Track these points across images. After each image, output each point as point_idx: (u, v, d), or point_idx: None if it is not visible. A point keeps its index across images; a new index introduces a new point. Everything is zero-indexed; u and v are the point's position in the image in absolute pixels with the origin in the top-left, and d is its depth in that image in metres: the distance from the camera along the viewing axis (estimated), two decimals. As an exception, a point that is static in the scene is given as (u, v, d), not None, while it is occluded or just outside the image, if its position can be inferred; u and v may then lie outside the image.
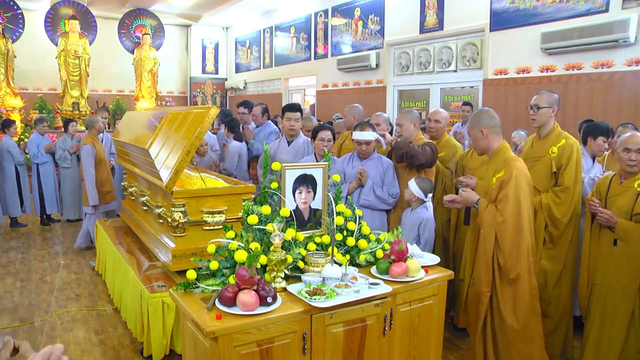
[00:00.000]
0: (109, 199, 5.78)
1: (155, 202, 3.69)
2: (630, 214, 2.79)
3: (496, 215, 2.73)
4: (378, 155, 3.65)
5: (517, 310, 2.72)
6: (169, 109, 4.67)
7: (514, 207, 2.69)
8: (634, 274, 2.76)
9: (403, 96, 7.72)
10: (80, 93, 10.31)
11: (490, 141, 2.90)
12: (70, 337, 3.72)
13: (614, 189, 2.92)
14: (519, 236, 2.69)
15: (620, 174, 2.93)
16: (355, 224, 2.57)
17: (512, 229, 2.69)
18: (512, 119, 5.77)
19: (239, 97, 11.92)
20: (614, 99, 4.94)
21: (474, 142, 3.03)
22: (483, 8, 6.08)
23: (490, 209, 2.77)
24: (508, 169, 2.74)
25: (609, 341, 2.86)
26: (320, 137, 3.68)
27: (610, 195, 2.92)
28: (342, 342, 2.15)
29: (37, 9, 10.57)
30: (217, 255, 2.26)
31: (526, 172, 2.78)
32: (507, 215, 2.69)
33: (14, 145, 7.01)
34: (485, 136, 2.90)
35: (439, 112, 4.06)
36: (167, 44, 11.94)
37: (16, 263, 5.53)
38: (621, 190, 2.87)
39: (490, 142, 2.90)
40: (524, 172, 2.74)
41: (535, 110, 3.27)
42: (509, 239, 2.69)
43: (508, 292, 2.73)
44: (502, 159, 2.84)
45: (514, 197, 2.69)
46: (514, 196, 2.69)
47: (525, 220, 2.70)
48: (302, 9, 9.62)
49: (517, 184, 2.69)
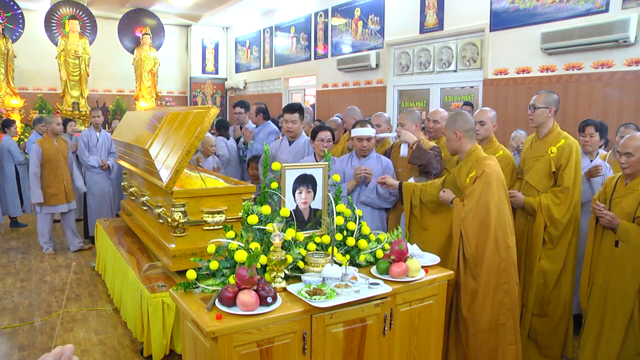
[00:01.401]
0: (53, 202, 5.71)
1: (155, 202, 3.69)
2: (633, 216, 2.79)
3: (461, 211, 2.82)
4: (377, 154, 3.66)
5: (476, 304, 2.76)
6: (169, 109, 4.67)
7: (479, 203, 2.75)
8: (634, 276, 2.76)
9: (403, 96, 7.72)
10: (80, 93, 10.30)
11: (463, 143, 3.01)
12: (70, 337, 3.72)
13: (619, 191, 2.93)
14: (486, 231, 2.73)
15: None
16: (355, 224, 2.58)
17: (477, 223, 2.75)
18: (512, 119, 5.77)
19: (239, 97, 11.92)
20: (614, 99, 4.93)
21: (447, 143, 3.12)
22: (483, 8, 6.08)
23: (458, 206, 2.86)
24: (479, 167, 2.84)
25: (607, 342, 2.86)
26: (319, 138, 3.68)
27: (615, 197, 2.93)
28: (342, 342, 2.15)
29: (37, 9, 10.57)
30: (217, 255, 2.26)
31: (497, 169, 2.85)
32: (468, 210, 2.78)
33: (14, 145, 7.01)
34: (459, 138, 3.00)
35: (438, 112, 4.06)
36: (167, 44, 11.93)
37: (16, 263, 5.53)
38: (626, 192, 2.88)
39: (463, 144, 3.01)
40: (494, 169, 2.82)
41: (532, 111, 3.28)
42: (472, 232, 2.76)
43: (470, 285, 2.78)
44: (474, 159, 2.93)
45: (480, 192, 2.76)
46: (480, 192, 2.76)
47: (493, 215, 2.73)
48: (302, 9, 9.61)
49: (486, 180, 2.76)
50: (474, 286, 2.77)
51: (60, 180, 5.76)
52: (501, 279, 2.75)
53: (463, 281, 2.81)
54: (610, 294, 2.86)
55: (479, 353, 2.79)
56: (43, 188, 5.64)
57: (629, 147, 2.83)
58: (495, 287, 2.74)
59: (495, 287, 2.74)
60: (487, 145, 3.52)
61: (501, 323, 2.76)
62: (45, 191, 5.66)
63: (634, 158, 2.80)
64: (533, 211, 3.24)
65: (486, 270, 2.74)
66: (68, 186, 5.84)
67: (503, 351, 2.78)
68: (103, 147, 6.25)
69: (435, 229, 3.16)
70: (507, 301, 2.77)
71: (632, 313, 2.77)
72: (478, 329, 2.78)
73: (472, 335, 2.80)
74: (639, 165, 2.81)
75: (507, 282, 2.76)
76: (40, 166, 5.64)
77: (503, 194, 2.83)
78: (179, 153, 3.07)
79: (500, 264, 2.74)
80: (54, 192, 5.71)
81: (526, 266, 3.32)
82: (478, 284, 2.76)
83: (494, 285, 2.74)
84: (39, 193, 5.62)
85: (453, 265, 2.84)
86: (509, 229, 2.82)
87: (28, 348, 3.57)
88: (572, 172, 3.15)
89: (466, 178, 2.93)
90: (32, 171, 5.63)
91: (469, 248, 2.77)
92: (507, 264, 2.76)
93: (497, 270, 2.74)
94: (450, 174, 3.13)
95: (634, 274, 2.76)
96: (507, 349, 2.78)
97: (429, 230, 3.20)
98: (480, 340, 2.78)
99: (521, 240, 3.29)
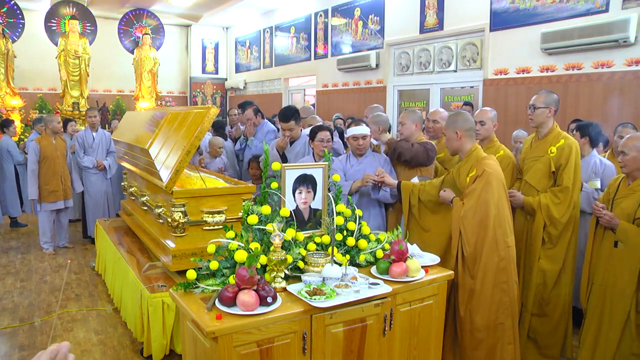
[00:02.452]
0: (52, 198, 5.80)
1: (155, 202, 3.69)
2: (633, 217, 2.80)
3: (460, 210, 2.82)
4: (373, 152, 3.68)
5: (473, 302, 2.77)
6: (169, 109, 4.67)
7: (479, 201, 2.76)
8: (631, 277, 2.78)
9: (403, 96, 7.72)
10: (80, 93, 10.30)
11: (463, 143, 3.00)
12: (70, 337, 3.72)
13: (621, 191, 2.94)
14: (485, 230, 2.74)
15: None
16: (355, 224, 2.58)
17: (476, 222, 2.75)
18: (512, 119, 5.77)
19: (239, 97, 11.92)
20: (614, 99, 4.93)
21: (447, 142, 3.11)
22: (483, 8, 6.08)
23: (458, 205, 2.87)
24: (480, 166, 2.84)
25: (605, 341, 2.88)
26: (319, 138, 3.68)
27: (617, 197, 2.94)
28: (342, 342, 2.15)
29: (37, 9, 10.57)
30: (217, 255, 2.26)
31: (497, 169, 2.85)
32: (468, 208, 2.78)
33: (14, 145, 7.01)
34: (459, 138, 3.00)
35: (437, 112, 4.06)
36: (167, 44, 11.93)
37: (16, 263, 5.53)
38: (627, 192, 2.89)
39: (463, 144, 3.01)
40: (494, 169, 2.82)
41: (532, 111, 3.28)
42: (471, 231, 2.76)
43: (468, 283, 2.78)
44: (474, 159, 2.93)
45: (480, 191, 2.76)
46: (481, 191, 2.76)
47: (492, 214, 2.74)
48: (302, 9, 9.61)
49: (486, 179, 2.77)
50: (472, 284, 2.77)
51: (58, 177, 5.82)
52: (500, 278, 2.75)
53: (461, 279, 2.81)
54: (608, 293, 2.88)
55: (476, 352, 2.79)
56: (40, 185, 5.72)
57: (624, 146, 2.88)
58: (493, 286, 2.74)
59: (493, 286, 2.74)
60: (487, 145, 3.52)
61: (499, 322, 2.77)
62: (42, 188, 5.73)
63: (628, 156, 2.84)
64: (532, 211, 3.24)
65: (484, 268, 2.74)
66: (66, 184, 5.90)
67: (501, 350, 2.78)
68: (99, 147, 6.25)
69: (435, 229, 3.17)
70: (505, 300, 2.77)
71: (628, 313, 2.78)
72: (474, 327, 2.78)
73: (469, 333, 2.80)
74: (635, 164, 2.83)
75: (506, 282, 2.77)
76: (38, 163, 5.71)
77: (503, 193, 2.83)
78: (179, 153, 3.07)
79: (500, 263, 2.74)
80: (51, 189, 5.77)
81: (525, 266, 3.32)
82: (476, 283, 2.76)
83: (492, 284, 2.74)
84: (34, 190, 5.69)
85: (452, 263, 2.85)
86: (509, 229, 2.82)
87: (28, 348, 3.57)
88: (571, 172, 3.15)
89: (466, 177, 2.94)
90: (30, 168, 5.72)
91: (468, 246, 2.77)
92: (506, 263, 2.76)
93: (496, 269, 2.74)
94: (450, 174, 3.13)
95: (631, 275, 2.77)
96: (505, 348, 2.78)
97: (429, 231, 3.20)
98: (477, 339, 2.78)
99: (521, 240, 3.29)
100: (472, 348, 2.80)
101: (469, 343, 2.81)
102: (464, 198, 2.85)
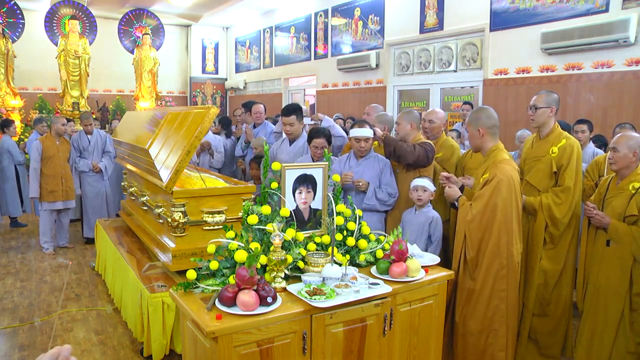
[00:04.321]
0: (51, 198, 5.82)
1: (155, 202, 3.69)
2: (623, 215, 2.82)
3: (467, 213, 2.78)
4: (375, 154, 3.66)
5: (469, 306, 2.76)
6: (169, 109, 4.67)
7: (486, 208, 2.71)
8: (624, 275, 2.80)
9: (403, 96, 7.72)
10: (80, 93, 10.30)
11: (485, 141, 2.94)
12: (70, 337, 3.72)
13: (611, 190, 2.96)
14: (488, 236, 2.70)
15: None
16: (355, 224, 2.58)
17: (482, 228, 2.72)
18: (512, 119, 5.78)
19: (239, 97, 11.93)
20: (614, 99, 4.94)
21: (470, 139, 3.07)
22: (483, 8, 6.08)
23: (465, 207, 2.83)
24: (493, 170, 2.76)
25: (601, 340, 2.90)
26: (314, 145, 3.75)
27: (607, 197, 2.96)
28: (342, 342, 2.15)
29: (37, 9, 10.57)
30: (217, 255, 2.26)
31: (511, 174, 2.73)
32: (475, 214, 2.74)
33: (14, 145, 7.01)
34: (482, 135, 2.93)
35: (433, 112, 4.06)
36: (167, 44, 11.94)
37: (16, 263, 5.53)
38: (617, 192, 2.92)
39: (485, 142, 2.94)
40: (507, 175, 2.71)
41: (533, 111, 3.28)
42: (475, 236, 2.74)
43: (467, 286, 2.77)
44: (492, 160, 2.87)
45: (488, 197, 2.71)
46: (489, 197, 2.71)
47: (498, 221, 2.68)
48: (302, 9, 9.62)
49: (496, 186, 2.69)
50: (471, 287, 2.76)
51: (59, 178, 5.84)
52: (499, 285, 2.72)
53: (461, 281, 2.81)
54: (602, 292, 2.90)
55: (467, 355, 2.79)
56: (41, 184, 5.74)
57: (616, 143, 2.89)
58: (491, 292, 2.72)
59: (491, 292, 2.72)
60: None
61: (493, 328, 2.74)
62: (43, 187, 5.76)
63: (619, 154, 2.85)
64: (534, 211, 3.24)
65: (485, 273, 2.72)
66: (67, 184, 5.91)
67: (491, 357, 2.75)
68: (95, 150, 6.27)
69: None
70: (502, 308, 2.74)
71: (622, 311, 2.81)
72: (467, 330, 2.77)
73: (461, 336, 2.80)
74: (624, 161, 2.85)
75: (505, 290, 2.73)
76: (40, 162, 5.74)
77: (514, 201, 2.73)
78: (179, 153, 3.07)
79: (501, 270, 2.71)
80: (50, 189, 5.80)
81: (527, 266, 3.32)
82: (475, 285, 2.75)
83: (491, 290, 2.72)
84: (35, 188, 5.72)
85: (454, 264, 2.84)
86: (516, 237, 2.75)
87: (28, 348, 3.57)
88: (573, 172, 3.15)
89: (480, 178, 2.90)
90: (32, 167, 5.75)
91: (471, 251, 2.75)
92: (507, 271, 2.72)
93: (496, 276, 2.71)
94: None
95: (623, 273, 2.80)
96: (496, 354, 2.75)
97: None
98: (469, 343, 2.77)
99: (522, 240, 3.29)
100: (463, 351, 2.80)
101: (461, 345, 2.81)
102: (473, 201, 2.80)
